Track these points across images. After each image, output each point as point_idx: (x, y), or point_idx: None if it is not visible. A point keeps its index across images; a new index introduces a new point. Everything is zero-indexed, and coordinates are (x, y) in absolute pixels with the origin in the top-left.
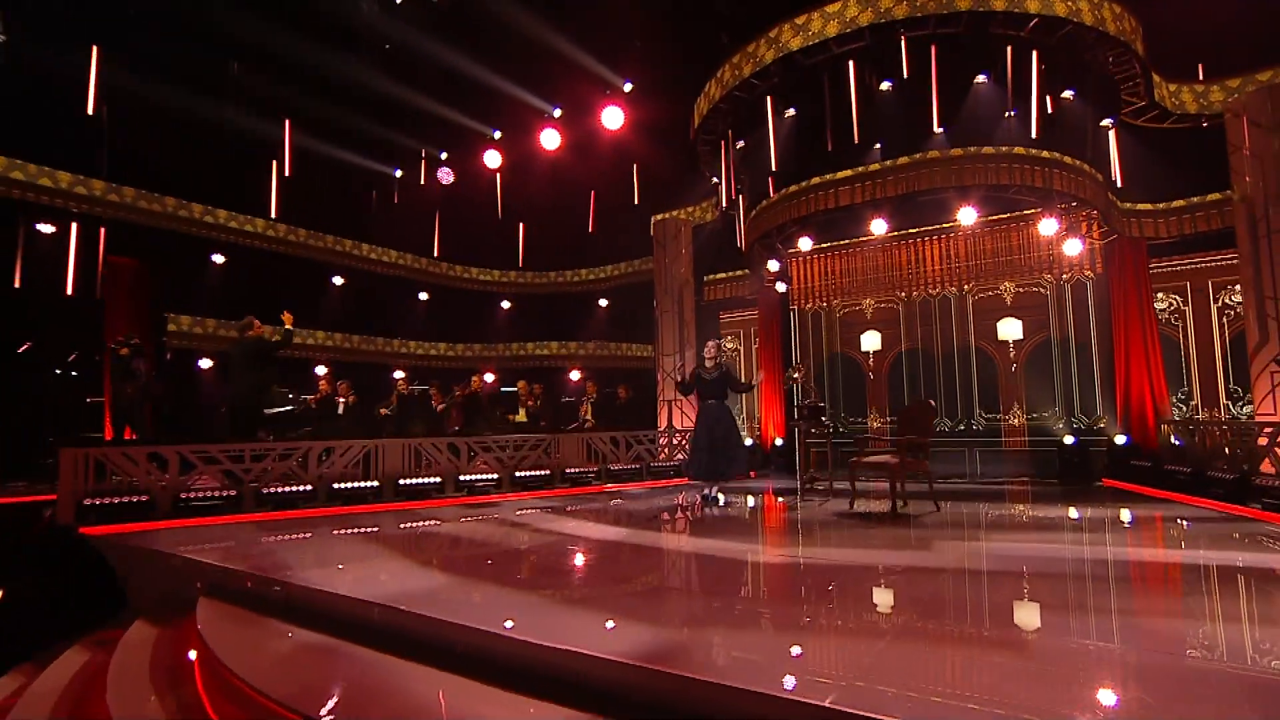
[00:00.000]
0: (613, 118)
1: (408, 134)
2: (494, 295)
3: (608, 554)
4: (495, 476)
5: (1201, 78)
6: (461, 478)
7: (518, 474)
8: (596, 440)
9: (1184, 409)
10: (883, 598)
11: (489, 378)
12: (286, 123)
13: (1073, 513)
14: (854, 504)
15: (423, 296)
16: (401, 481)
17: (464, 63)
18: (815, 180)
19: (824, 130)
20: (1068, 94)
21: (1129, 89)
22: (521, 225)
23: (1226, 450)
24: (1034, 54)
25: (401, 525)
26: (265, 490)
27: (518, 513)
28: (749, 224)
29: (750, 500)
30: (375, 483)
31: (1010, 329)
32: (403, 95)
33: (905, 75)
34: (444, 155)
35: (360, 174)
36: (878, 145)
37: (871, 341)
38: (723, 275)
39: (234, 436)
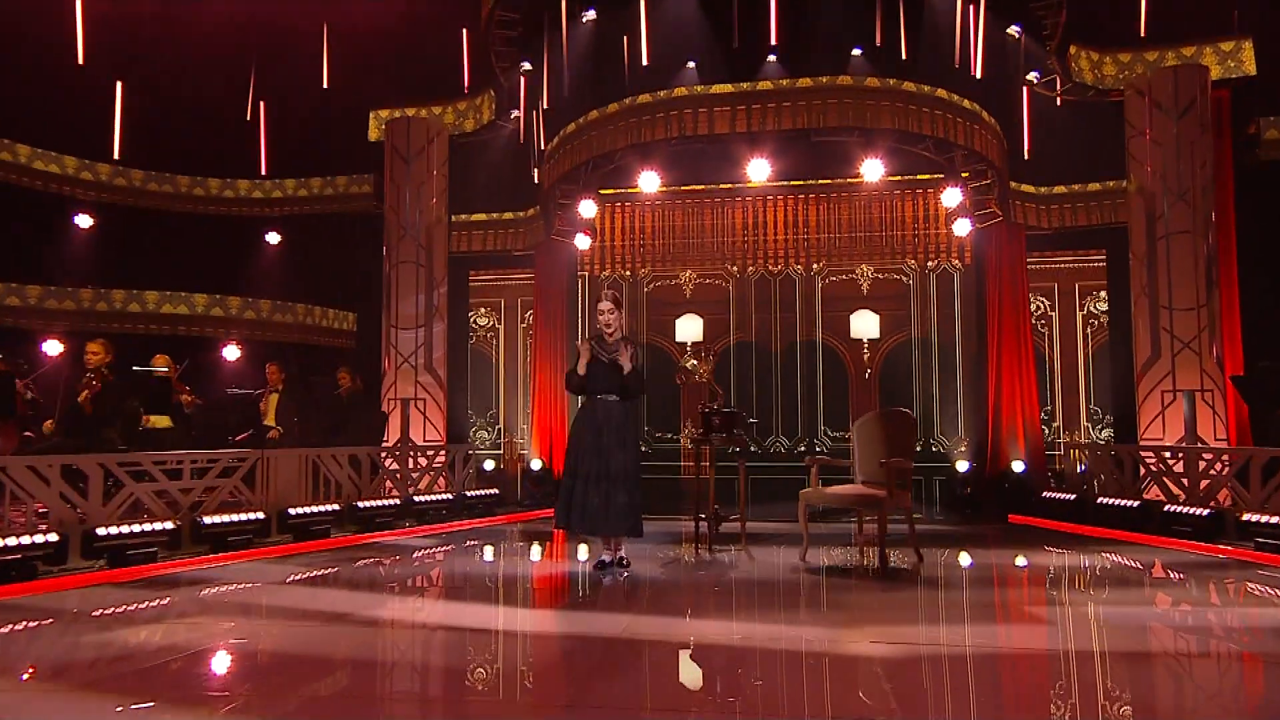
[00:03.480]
0: None
1: None
2: (64, 202)
3: (612, 657)
4: (166, 526)
5: (1097, 44)
6: (99, 530)
7: (204, 520)
8: (330, 463)
9: (1047, 430)
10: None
11: (54, 347)
12: None
13: (1130, 560)
14: (806, 554)
15: None
16: None
17: None
18: (682, 92)
19: (726, 23)
20: (1014, 30)
21: (1045, 35)
22: (121, 86)
23: (1171, 481)
24: None
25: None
26: None
27: (285, 583)
28: (563, 143)
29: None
30: None
31: (865, 324)
32: None
33: None
34: None
35: None
36: (772, 58)
37: (690, 329)
38: (482, 217)
39: None
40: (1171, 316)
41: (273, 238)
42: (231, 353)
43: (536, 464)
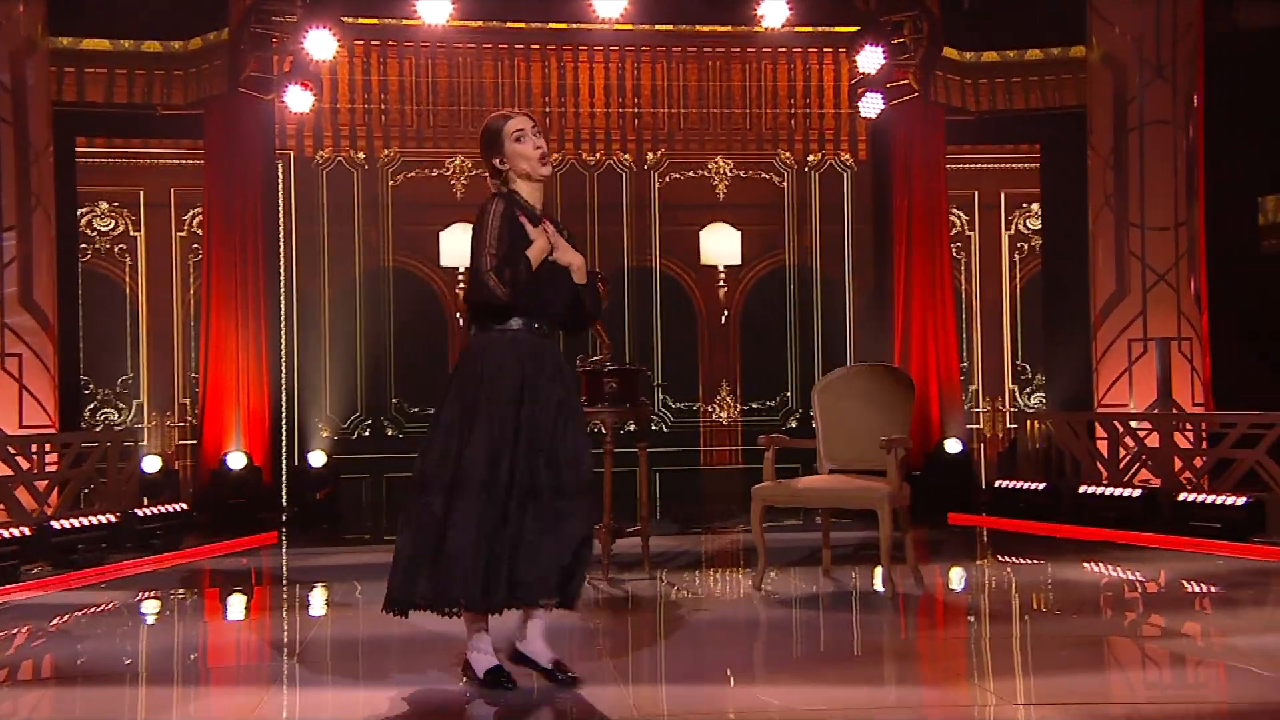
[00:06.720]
0: None
1: None
2: None
3: None
4: None
5: None
6: None
7: None
8: None
9: (965, 395)
10: None
11: None
12: None
13: (1173, 569)
14: (763, 581)
15: None
16: None
17: None
18: None
19: None
20: None
21: None
22: None
23: (1181, 460)
24: None
25: None
26: None
27: None
28: None
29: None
30: None
31: (722, 244)
32: None
33: None
34: None
35: None
36: None
37: (463, 247)
38: (104, 45)
39: None
40: (1144, 238)
41: None
42: None
43: (237, 460)
